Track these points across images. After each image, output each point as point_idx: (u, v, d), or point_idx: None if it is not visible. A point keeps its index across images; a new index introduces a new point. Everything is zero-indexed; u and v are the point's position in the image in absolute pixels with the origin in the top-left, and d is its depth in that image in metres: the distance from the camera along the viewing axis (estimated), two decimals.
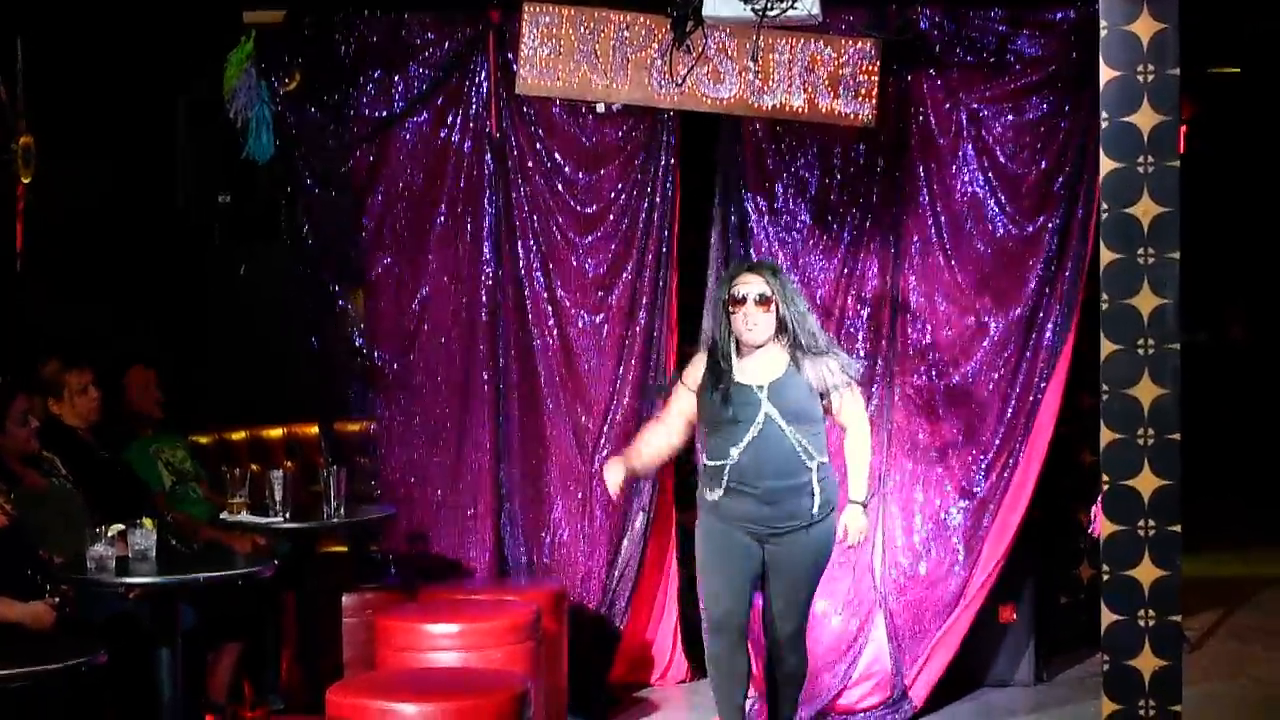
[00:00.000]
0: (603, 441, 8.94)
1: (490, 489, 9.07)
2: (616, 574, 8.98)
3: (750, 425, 7.23)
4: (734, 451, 7.25)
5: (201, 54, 9.02)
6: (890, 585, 8.66)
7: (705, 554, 7.48)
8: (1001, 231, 8.64)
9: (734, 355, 7.37)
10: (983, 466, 8.65)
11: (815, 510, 7.29)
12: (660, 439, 7.69)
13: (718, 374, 7.36)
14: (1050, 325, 8.59)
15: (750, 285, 7.34)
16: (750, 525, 7.31)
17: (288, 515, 8.14)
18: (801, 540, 7.33)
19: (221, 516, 8.30)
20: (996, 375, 8.64)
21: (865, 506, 7.52)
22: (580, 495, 9.03)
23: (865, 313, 8.78)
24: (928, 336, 8.72)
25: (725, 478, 7.28)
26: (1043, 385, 8.57)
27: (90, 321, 9.65)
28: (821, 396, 7.37)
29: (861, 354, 8.69)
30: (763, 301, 7.30)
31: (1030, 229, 8.60)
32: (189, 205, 9.71)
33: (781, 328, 7.32)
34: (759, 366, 7.35)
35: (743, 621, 7.45)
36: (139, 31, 9.78)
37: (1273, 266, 15.74)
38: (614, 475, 7.58)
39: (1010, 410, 8.63)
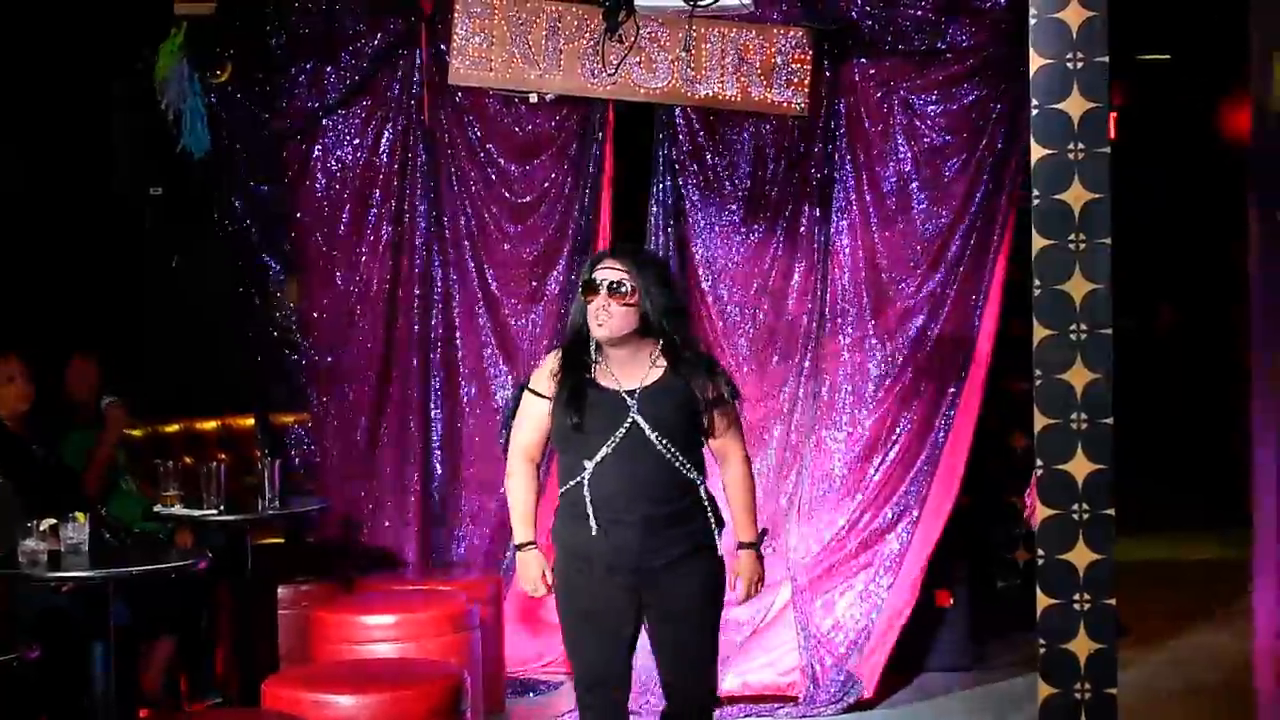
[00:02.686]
0: None
1: (424, 480, 9.06)
2: None
3: (611, 437, 5.91)
4: (589, 465, 5.92)
5: (135, 41, 8.97)
6: (806, 571, 8.68)
7: (566, 610, 6.12)
8: (930, 216, 8.69)
9: (594, 356, 6.06)
10: (908, 452, 8.70)
11: (706, 532, 6.01)
12: (531, 482, 6.21)
13: (574, 376, 6.03)
14: (977, 310, 8.65)
15: (605, 271, 6.01)
16: (621, 567, 5.95)
17: (222, 507, 8.10)
18: (694, 570, 6.01)
19: (155, 509, 8.26)
20: (922, 358, 8.70)
21: (758, 550, 6.21)
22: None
23: (798, 299, 8.81)
24: (858, 321, 8.77)
25: (588, 505, 5.92)
26: (966, 368, 8.64)
27: (21, 310, 9.58)
28: (700, 413, 6.04)
29: (791, 341, 8.76)
30: (616, 291, 5.95)
31: (957, 214, 8.66)
32: (123, 192, 9.65)
33: (646, 326, 5.98)
34: (626, 369, 6.03)
35: (621, 696, 6.12)
36: (72, 18, 9.72)
37: (1199, 254, 15.82)
38: (534, 571, 6.14)
39: (935, 394, 8.70)
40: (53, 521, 6.99)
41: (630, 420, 5.91)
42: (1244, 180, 6.15)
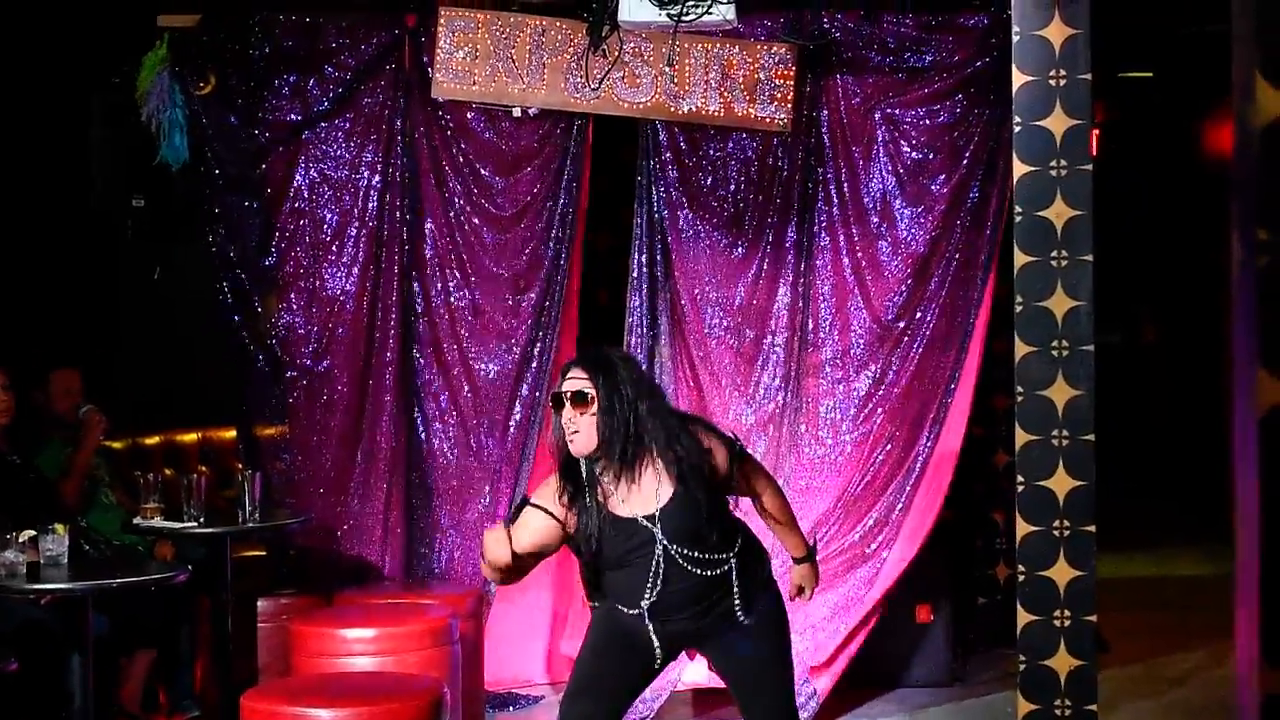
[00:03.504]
0: (510, 445, 8.96)
1: (405, 492, 9.05)
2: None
3: (647, 569, 5.67)
4: (644, 604, 5.69)
5: (116, 54, 8.96)
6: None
7: (592, 640, 5.97)
8: (913, 233, 8.71)
9: (600, 478, 5.73)
10: (892, 468, 8.71)
11: (739, 602, 5.77)
12: (501, 574, 5.79)
13: (580, 501, 5.73)
14: (960, 327, 8.66)
15: (569, 381, 5.73)
16: (679, 641, 5.87)
17: (202, 520, 8.08)
18: (745, 632, 5.84)
19: (135, 521, 8.24)
20: (907, 375, 8.71)
21: (813, 560, 6.22)
22: (486, 499, 9.03)
23: (781, 314, 8.82)
24: (840, 337, 8.78)
25: (649, 625, 5.70)
26: (953, 385, 8.66)
27: (0, 322, 9.57)
28: (721, 488, 5.81)
29: (775, 357, 8.77)
30: (580, 401, 5.66)
31: (941, 231, 8.68)
32: (102, 206, 9.64)
33: (613, 435, 5.64)
34: (632, 488, 5.72)
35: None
36: (53, 31, 9.71)
37: (1183, 268, 15.85)
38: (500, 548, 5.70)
39: (920, 409, 8.70)
40: (32, 533, 6.98)
41: (659, 551, 5.65)
42: (1226, 197, 6.17)
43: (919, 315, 8.71)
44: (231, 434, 9.76)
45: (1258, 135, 2.87)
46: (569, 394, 5.66)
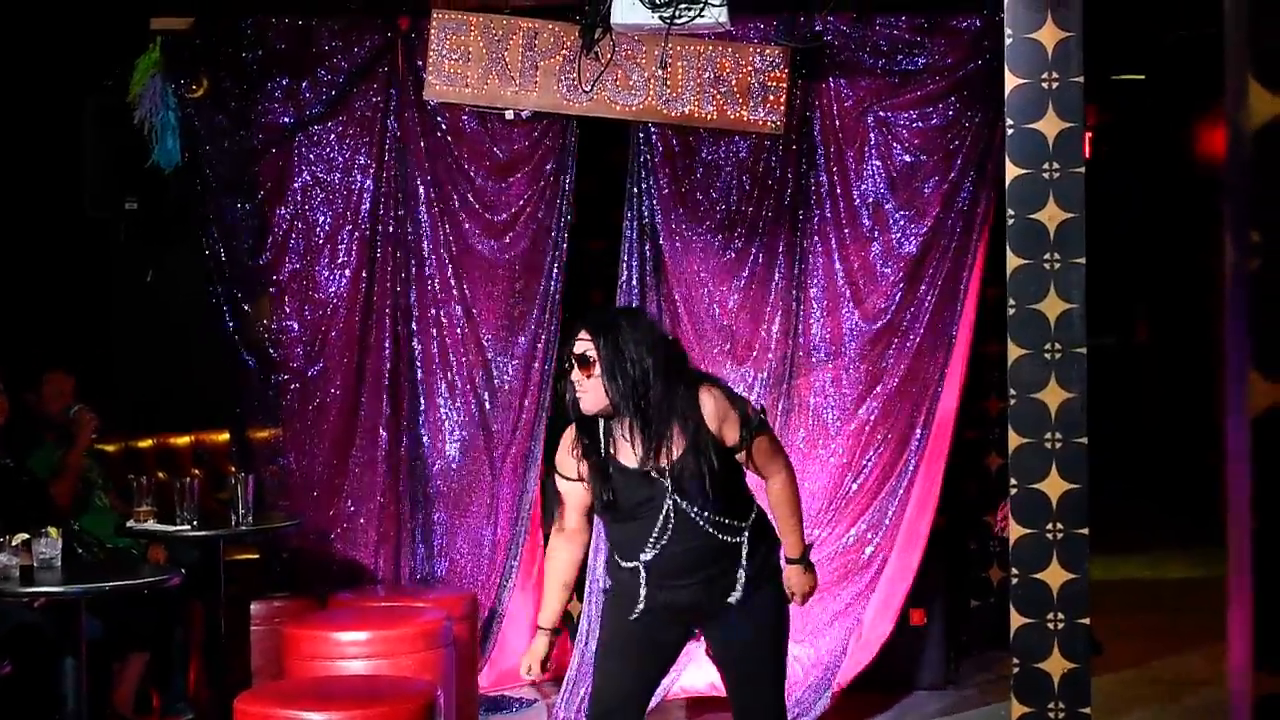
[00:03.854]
0: (511, 450, 8.96)
1: (398, 495, 9.05)
2: (511, 581, 9.01)
3: (654, 523, 5.76)
4: (644, 557, 5.78)
5: (109, 57, 8.96)
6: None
7: (603, 638, 6.14)
8: (906, 235, 8.70)
9: (614, 430, 5.84)
10: (884, 470, 8.71)
11: (744, 581, 5.82)
12: (567, 565, 6.11)
13: (593, 455, 5.85)
14: (952, 328, 8.67)
15: (575, 344, 5.83)
16: (679, 614, 5.92)
17: (195, 523, 8.08)
18: (759, 603, 5.90)
19: (128, 524, 8.24)
20: (898, 377, 8.71)
21: (807, 562, 6.06)
22: (488, 502, 9.03)
23: (773, 317, 8.82)
24: (833, 340, 8.77)
25: (643, 580, 5.82)
26: (940, 385, 8.66)
27: None
28: (731, 456, 5.84)
29: (767, 360, 8.77)
30: (584, 364, 5.75)
31: (933, 234, 8.67)
32: (95, 209, 9.63)
33: (620, 394, 5.72)
34: (652, 442, 5.77)
35: None
36: (45, 33, 9.70)
37: (1176, 271, 15.86)
38: (539, 654, 6.02)
39: (911, 411, 8.71)
40: (25, 537, 6.98)
41: (669, 505, 5.73)
42: (1219, 199, 6.19)
43: (910, 317, 8.71)
44: (224, 437, 9.77)
45: (1250, 138, 2.87)
46: (573, 356, 5.76)
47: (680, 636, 6.03)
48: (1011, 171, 7.03)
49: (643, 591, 5.83)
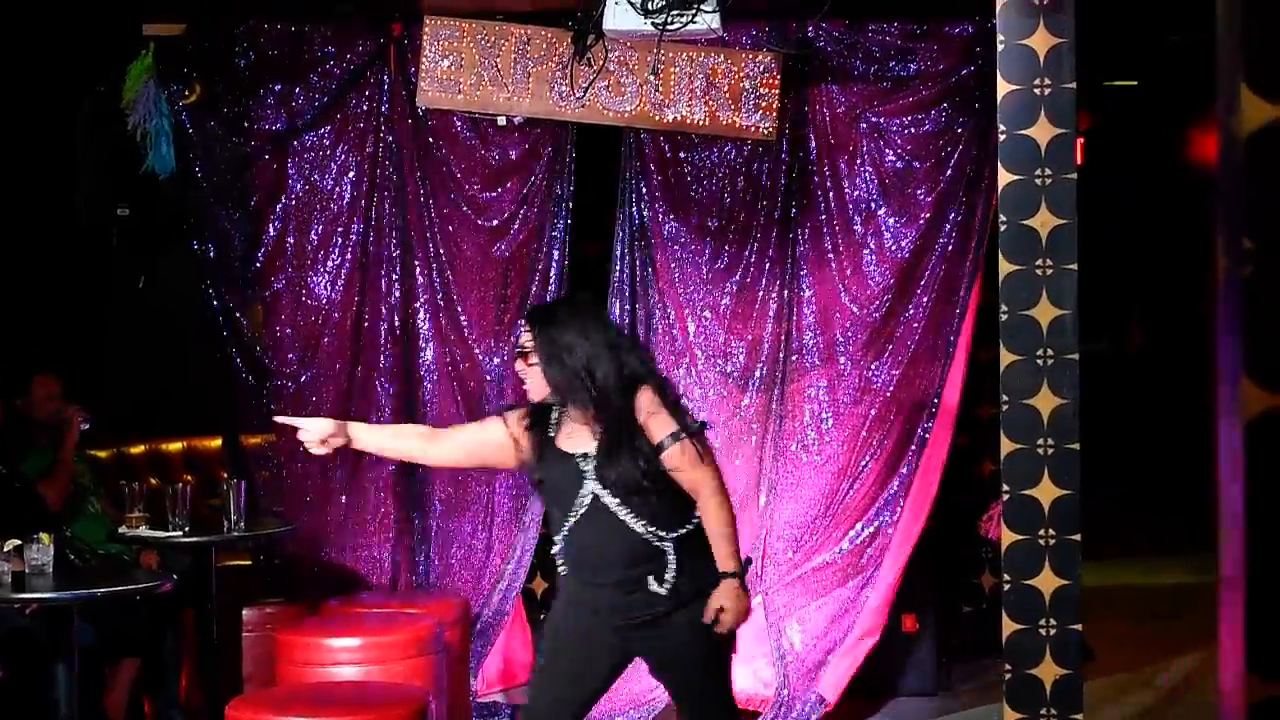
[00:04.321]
0: None
1: (390, 502, 9.05)
2: (503, 585, 9.01)
3: (573, 507, 5.84)
4: (559, 538, 5.93)
5: (101, 63, 8.95)
6: (783, 591, 8.68)
7: (544, 641, 6.19)
8: (899, 241, 8.71)
9: (563, 418, 5.97)
10: (880, 476, 8.70)
11: (668, 594, 5.80)
12: (414, 437, 6.43)
13: (537, 432, 6.00)
14: (946, 335, 8.66)
15: (522, 335, 6.03)
16: (604, 617, 5.91)
17: (187, 529, 8.07)
18: (672, 630, 5.86)
19: (120, 531, 8.23)
20: (893, 383, 8.71)
21: (742, 578, 5.88)
22: (481, 507, 9.03)
23: (766, 322, 8.82)
24: (826, 345, 8.77)
25: (566, 572, 5.97)
26: (938, 395, 8.65)
27: None
28: (659, 460, 5.81)
29: (760, 365, 8.77)
30: (522, 355, 5.95)
31: (926, 240, 8.67)
32: (87, 215, 9.62)
33: (559, 384, 5.86)
34: (580, 431, 5.91)
35: None
36: (38, 39, 9.69)
37: (1168, 276, 15.87)
38: (320, 425, 6.16)
39: (907, 418, 8.70)
40: (17, 543, 6.97)
41: (589, 491, 5.81)
42: (1211, 205, 6.20)
43: (904, 323, 8.71)
44: (217, 443, 9.76)
45: (1243, 144, 2.87)
46: (519, 349, 5.99)
47: (617, 652, 5.97)
48: (1004, 177, 7.04)
49: (567, 584, 5.96)
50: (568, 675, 5.98)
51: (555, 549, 5.99)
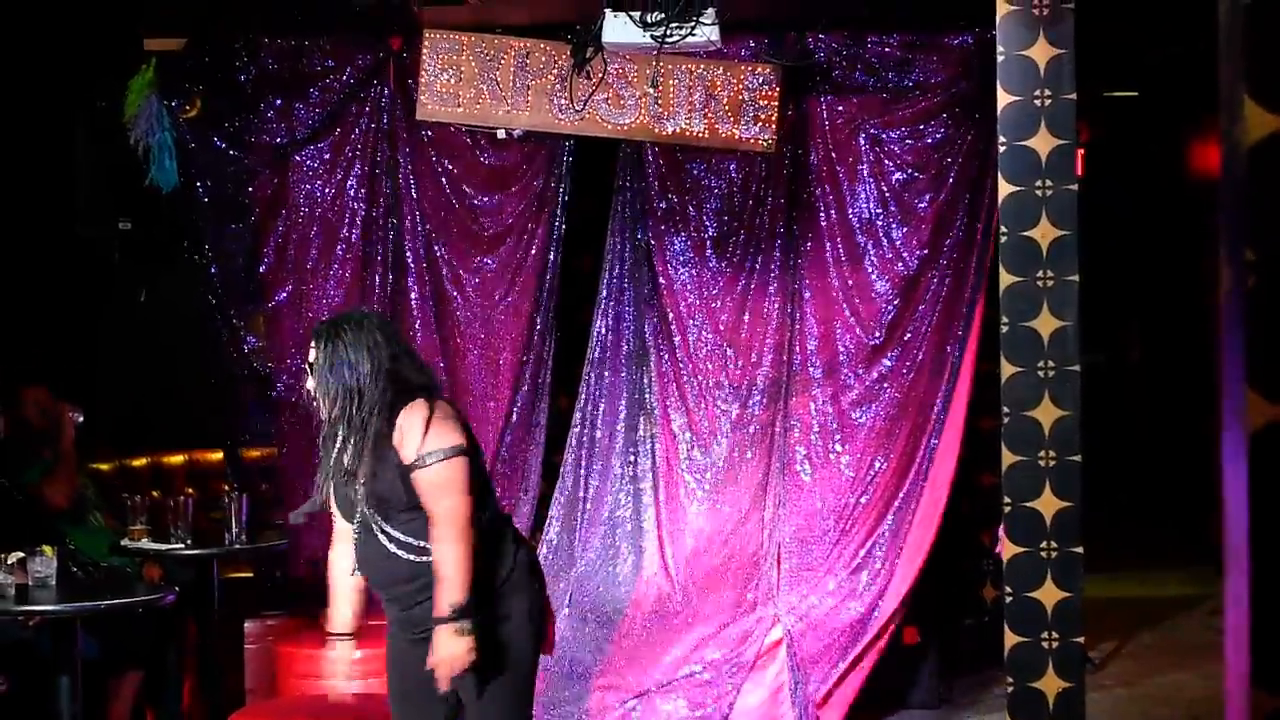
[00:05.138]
0: (498, 467, 8.94)
1: None
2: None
3: (355, 524, 5.78)
4: (351, 558, 5.89)
5: (101, 78, 8.97)
6: (793, 609, 8.67)
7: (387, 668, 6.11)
8: (899, 254, 8.69)
9: (339, 432, 5.78)
10: (888, 489, 8.68)
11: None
12: (341, 562, 6.09)
13: (328, 453, 5.85)
14: (950, 346, 8.65)
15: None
16: (401, 631, 5.88)
17: (189, 541, 8.08)
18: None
19: (123, 543, 8.24)
20: (898, 396, 8.69)
21: (458, 626, 5.54)
22: None
23: (766, 336, 8.81)
24: (829, 359, 8.76)
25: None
26: (945, 408, 8.63)
27: None
28: (408, 469, 5.64)
29: (763, 378, 8.76)
30: (308, 366, 5.83)
31: (927, 252, 8.66)
32: (89, 229, 9.64)
33: (331, 397, 5.72)
34: (363, 448, 5.70)
35: None
36: (38, 53, 9.71)
37: (1169, 288, 15.86)
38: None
39: (912, 431, 8.68)
40: (20, 555, 6.98)
41: (361, 511, 5.69)
42: (1212, 216, 6.21)
43: (908, 336, 8.68)
44: (218, 456, 9.76)
45: (1245, 155, 2.88)
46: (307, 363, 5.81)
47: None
48: (1004, 189, 7.05)
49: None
50: (401, 698, 5.94)
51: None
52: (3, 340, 9.78)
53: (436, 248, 8.99)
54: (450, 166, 8.97)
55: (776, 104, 8.66)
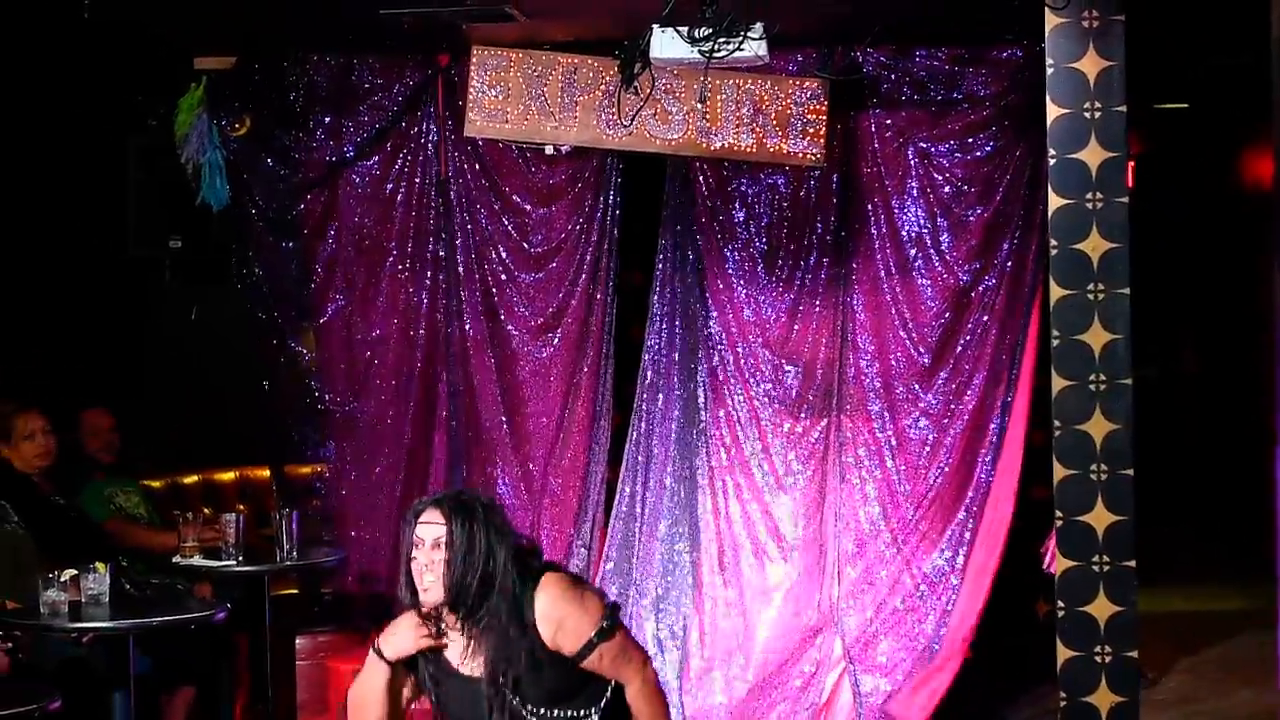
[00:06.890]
0: (551, 482, 8.94)
1: None
2: None
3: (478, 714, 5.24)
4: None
5: (152, 97, 9.02)
6: (856, 630, 8.65)
7: None
8: (951, 268, 8.66)
9: (444, 624, 5.29)
10: (948, 504, 8.64)
11: None
12: None
13: (429, 656, 5.34)
14: (1006, 360, 8.59)
15: (421, 526, 5.22)
16: None
17: (240, 558, 8.10)
18: None
19: (174, 560, 8.27)
20: (955, 410, 8.65)
21: None
22: (526, 533, 9.03)
23: (818, 349, 8.79)
24: (881, 372, 8.73)
25: None
26: (1005, 422, 8.56)
27: (41, 364, 9.61)
28: (580, 666, 5.26)
29: (815, 392, 8.74)
30: (437, 545, 5.18)
31: (979, 265, 8.63)
32: (140, 248, 9.68)
33: (463, 584, 5.16)
34: (470, 642, 5.26)
35: None
36: (89, 73, 9.77)
37: (1221, 300, 15.79)
38: None
39: (970, 444, 8.64)
40: (73, 572, 7.02)
41: (506, 707, 5.19)
42: (1265, 227, 6.18)
43: (960, 349, 8.64)
44: (268, 473, 9.79)
45: None
46: (420, 540, 5.19)
47: None
48: (1054, 201, 7.02)
49: None
50: None
51: None
52: (64, 361, 9.84)
53: (486, 263, 9.01)
54: (500, 183, 8.99)
55: (825, 118, 8.64)
